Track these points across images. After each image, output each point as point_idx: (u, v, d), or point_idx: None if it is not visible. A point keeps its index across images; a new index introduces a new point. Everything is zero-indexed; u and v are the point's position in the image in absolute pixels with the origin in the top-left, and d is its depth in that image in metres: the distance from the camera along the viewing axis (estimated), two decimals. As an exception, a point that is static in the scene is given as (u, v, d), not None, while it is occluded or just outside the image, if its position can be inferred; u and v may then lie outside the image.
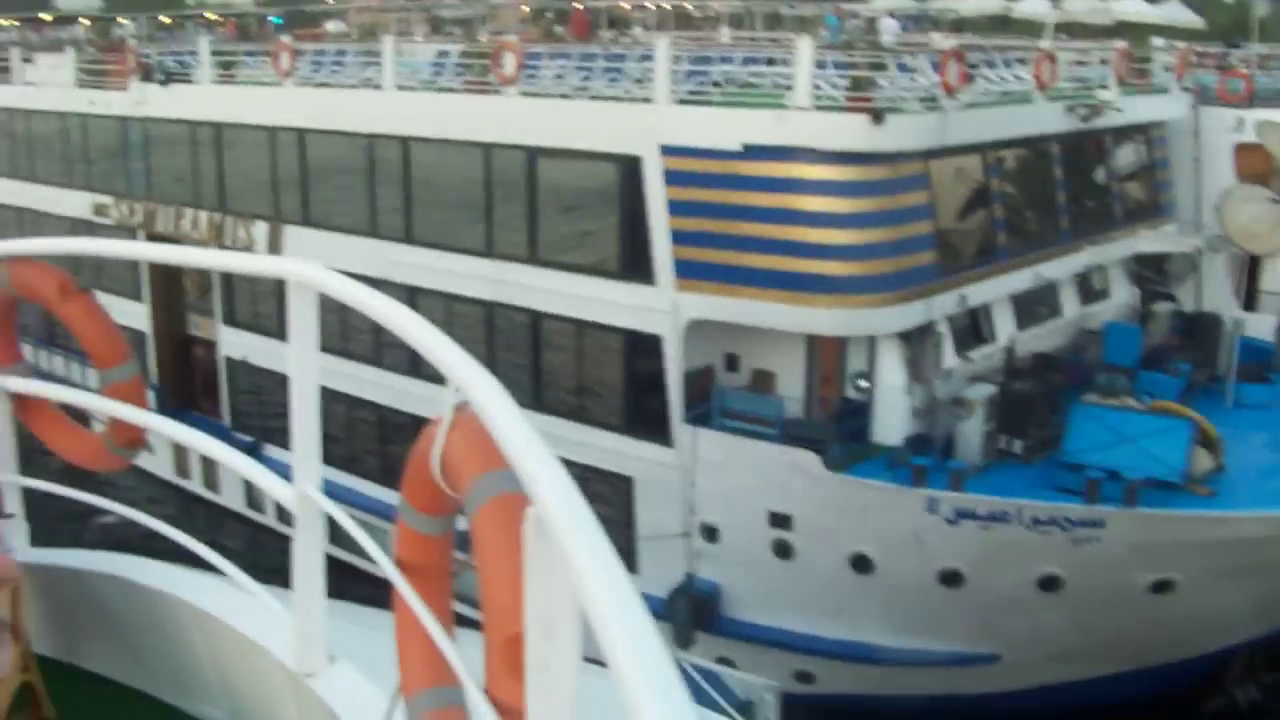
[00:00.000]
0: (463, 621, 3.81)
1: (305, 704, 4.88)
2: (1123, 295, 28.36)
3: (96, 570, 6.43)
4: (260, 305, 32.06)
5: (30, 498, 6.69)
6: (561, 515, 2.29)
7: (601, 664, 2.03)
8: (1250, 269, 26.96)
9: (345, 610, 6.16)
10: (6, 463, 6.45)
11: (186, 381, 35.08)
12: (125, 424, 6.11)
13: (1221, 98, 29.56)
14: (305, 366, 4.52)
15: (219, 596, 5.67)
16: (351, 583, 7.71)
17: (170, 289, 35.30)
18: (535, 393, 25.09)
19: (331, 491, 4.70)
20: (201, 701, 6.01)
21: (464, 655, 3.30)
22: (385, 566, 3.66)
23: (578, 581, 2.15)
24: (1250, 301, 28.07)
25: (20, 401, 6.45)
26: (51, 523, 7.86)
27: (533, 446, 2.57)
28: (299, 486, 4.60)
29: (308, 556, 4.73)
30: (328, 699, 4.71)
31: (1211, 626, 22.27)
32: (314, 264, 4.27)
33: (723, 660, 22.49)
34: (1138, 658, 22.39)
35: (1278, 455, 23.07)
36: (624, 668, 1.89)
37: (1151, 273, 28.96)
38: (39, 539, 6.82)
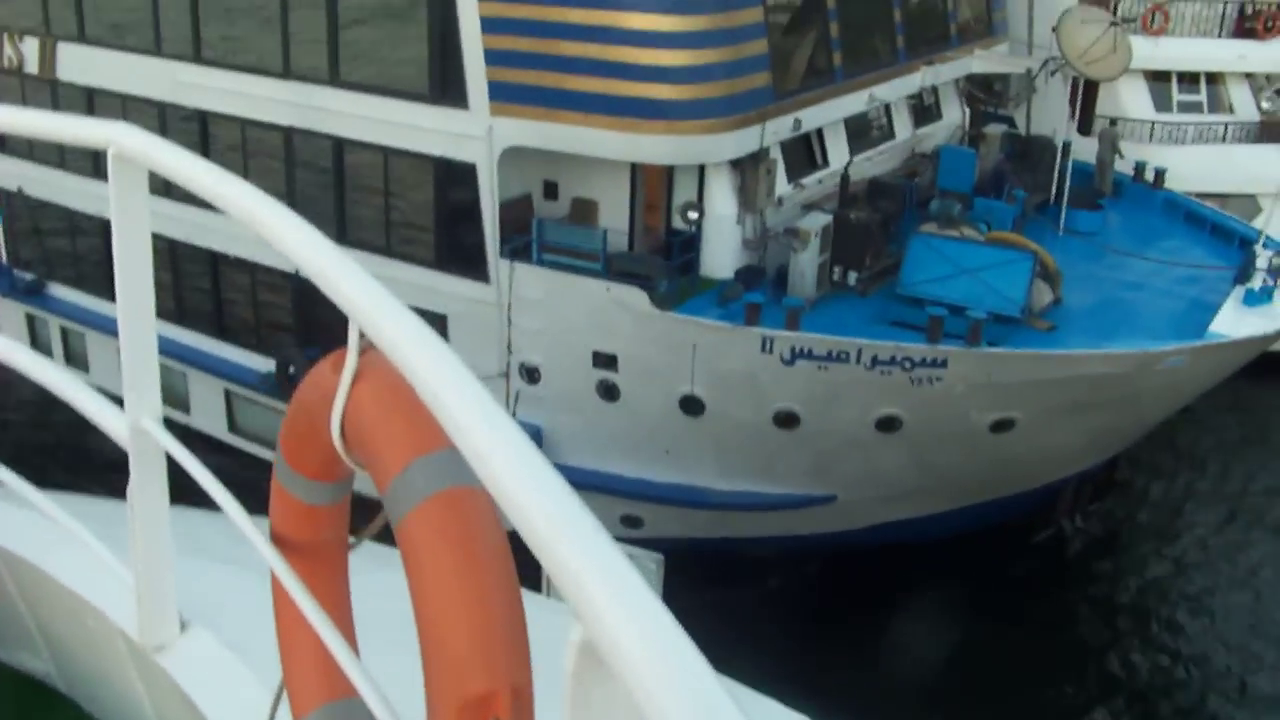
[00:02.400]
0: None
1: (152, 682, 4.01)
2: (955, 116, 27.48)
3: None
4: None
5: None
6: (627, 641, 1.48)
7: None
8: (1086, 92, 26.15)
9: (184, 516, 4.72)
10: None
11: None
12: None
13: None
14: (136, 266, 3.45)
15: (33, 537, 4.53)
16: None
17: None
18: (340, 226, 23.27)
19: None
20: (20, 650, 5.02)
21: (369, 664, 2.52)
22: (260, 545, 2.83)
23: None
24: (1085, 126, 27.38)
25: None
26: None
27: (523, 457, 1.82)
28: (133, 417, 3.53)
29: (148, 504, 3.66)
30: (180, 679, 3.81)
31: (1048, 462, 21.93)
32: (139, 130, 3.23)
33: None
34: (974, 494, 21.98)
35: (1110, 286, 22.49)
36: None
37: (981, 93, 28.08)
38: None
